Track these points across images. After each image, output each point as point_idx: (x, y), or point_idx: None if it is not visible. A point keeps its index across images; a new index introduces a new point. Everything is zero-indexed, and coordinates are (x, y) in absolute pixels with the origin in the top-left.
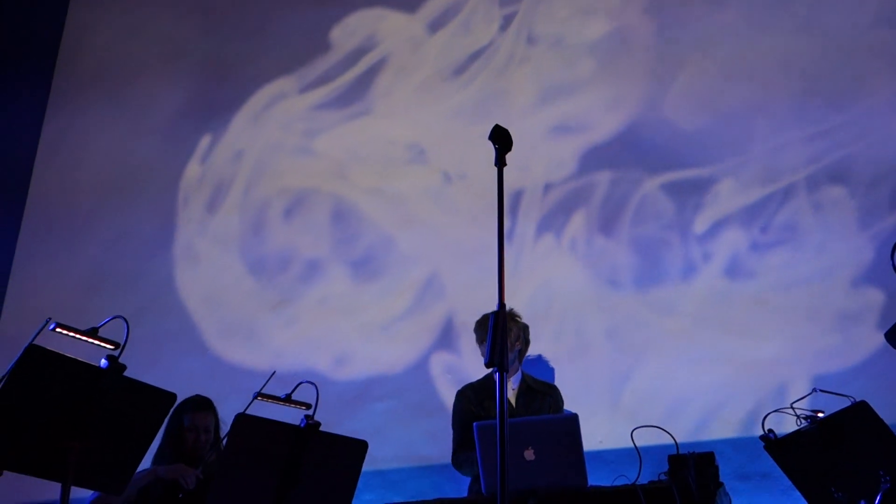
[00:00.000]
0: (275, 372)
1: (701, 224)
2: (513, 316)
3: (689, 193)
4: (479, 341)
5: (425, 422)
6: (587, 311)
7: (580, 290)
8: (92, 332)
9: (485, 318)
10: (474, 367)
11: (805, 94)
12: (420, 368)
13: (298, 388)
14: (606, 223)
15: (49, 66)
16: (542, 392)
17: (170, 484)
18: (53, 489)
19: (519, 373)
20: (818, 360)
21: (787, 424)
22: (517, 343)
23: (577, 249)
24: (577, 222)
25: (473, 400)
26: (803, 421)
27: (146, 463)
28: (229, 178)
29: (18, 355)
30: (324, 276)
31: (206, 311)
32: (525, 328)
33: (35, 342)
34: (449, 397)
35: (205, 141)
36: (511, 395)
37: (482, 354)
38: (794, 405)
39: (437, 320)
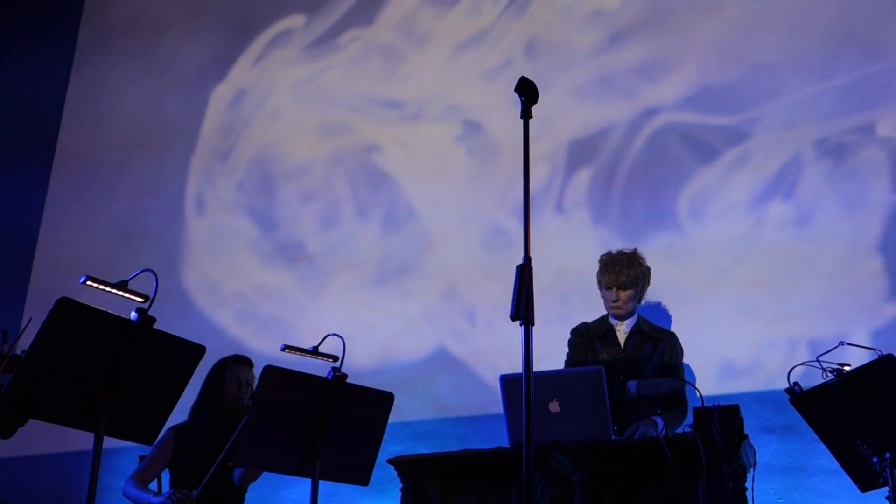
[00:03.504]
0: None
1: (729, 175)
2: (632, 258)
3: (717, 144)
4: (598, 283)
5: (451, 374)
6: None
7: (603, 241)
8: (122, 286)
9: (607, 256)
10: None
11: (840, 43)
12: (447, 319)
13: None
14: (630, 175)
15: (75, 22)
16: (654, 337)
17: (218, 439)
18: (85, 439)
19: (635, 316)
20: (846, 313)
21: (813, 378)
22: (636, 287)
23: (597, 202)
24: (600, 175)
25: (585, 337)
26: (829, 374)
27: (179, 414)
28: (254, 132)
29: (50, 308)
30: (348, 231)
31: (233, 265)
32: (645, 271)
33: (66, 295)
34: (473, 349)
35: (229, 95)
36: (621, 338)
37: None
38: (821, 358)
39: (461, 273)
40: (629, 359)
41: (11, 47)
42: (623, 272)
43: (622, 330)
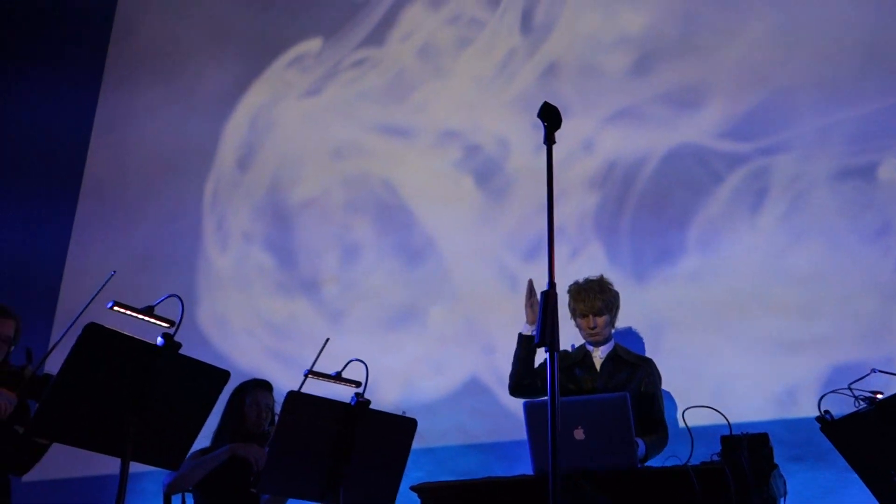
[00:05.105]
0: (328, 339)
1: (752, 199)
2: (603, 285)
3: (740, 168)
4: (570, 310)
5: (475, 399)
6: (635, 289)
7: (625, 265)
8: (148, 311)
9: (574, 286)
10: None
11: (863, 68)
12: (469, 344)
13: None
14: (651, 199)
15: (102, 48)
16: (631, 363)
17: (242, 464)
18: (111, 463)
19: (611, 342)
20: (876, 339)
21: (844, 406)
22: (610, 312)
23: (621, 226)
24: (622, 200)
25: (564, 364)
26: (861, 402)
27: (202, 440)
28: (269, 158)
29: (79, 333)
30: (368, 258)
31: (253, 292)
32: (615, 296)
33: (93, 320)
34: (496, 375)
35: (246, 120)
36: (597, 363)
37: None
38: (852, 386)
39: (482, 299)
40: (605, 385)
41: (40, 74)
42: (597, 298)
43: (598, 356)
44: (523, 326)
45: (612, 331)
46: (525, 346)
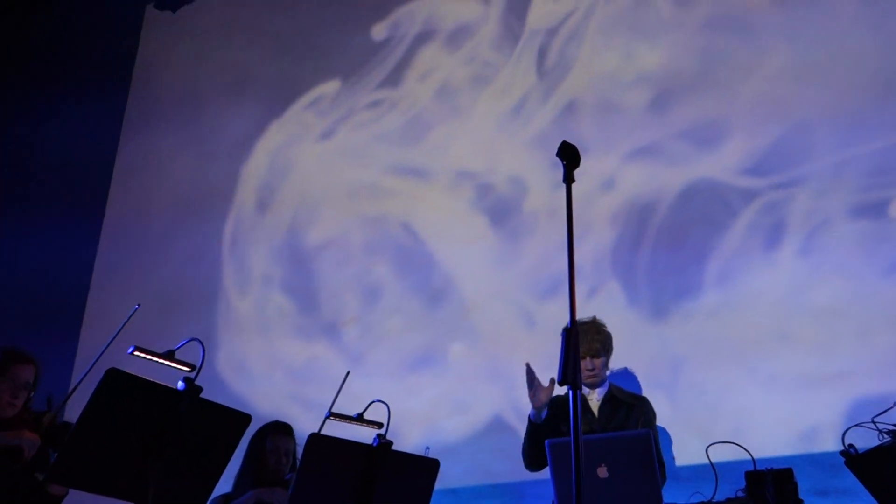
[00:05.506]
0: (349, 372)
1: (770, 233)
2: (599, 327)
3: (757, 203)
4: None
5: (497, 439)
6: (657, 324)
7: (644, 302)
8: (169, 355)
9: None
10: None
11: (879, 101)
12: (490, 384)
13: (370, 408)
14: (669, 235)
15: (124, 91)
16: (628, 403)
17: None
18: None
19: (606, 383)
20: None
21: (868, 440)
22: (606, 353)
23: (643, 260)
24: (640, 236)
25: (557, 413)
26: (885, 436)
27: (224, 485)
28: (296, 200)
29: (99, 379)
30: (387, 299)
31: (275, 333)
32: (608, 337)
33: (114, 364)
34: (517, 414)
35: (264, 163)
36: (594, 406)
37: None
38: (876, 419)
39: (502, 338)
40: (604, 427)
41: (62, 118)
42: (595, 339)
43: (594, 398)
44: (530, 411)
45: (608, 372)
46: (534, 429)
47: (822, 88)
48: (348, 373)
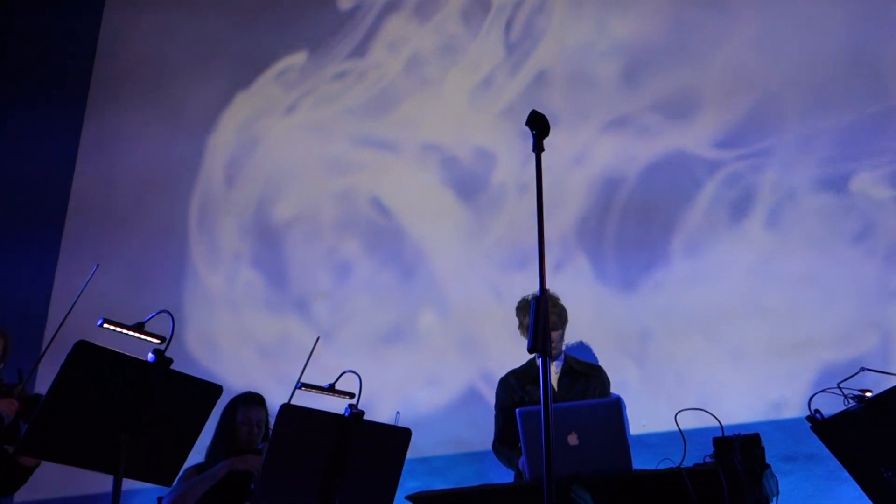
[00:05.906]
0: (319, 338)
1: (738, 204)
2: (554, 300)
3: (725, 175)
4: (520, 325)
5: (469, 409)
6: (627, 297)
7: (612, 274)
8: (138, 327)
9: (524, 302)
10: (511, 355)
11: (847, 74)
12: (461, 355)
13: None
14: (637, 208)
15: (87, 69)
16: (585, 374)
17: (239, 479)
18: (102, 481)
19: (562, 356)
20: (862, 339)
21: (834, 405)
22: (563, 326)
23: (612, 233)
24: (608, 209)
25: (516, 386)
26: (850, 401)
27: (195, 456)
28: (264, 174)
29: (68, 352)
30: (357, 273)
31: (245, 308)
32: (563, 310)
33: (83, 338)
34: (489, 384)
35: (231, 137)
36: (553, 378)
37: (524, 337)
38: (841, 385)
39: (473, 309)
40: (564, 399)
41: (24, 96)
42: (552, 312)
43: (553, 371)
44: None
45: (564, 345)
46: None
47: (790, 61)
48: (318, 338)
